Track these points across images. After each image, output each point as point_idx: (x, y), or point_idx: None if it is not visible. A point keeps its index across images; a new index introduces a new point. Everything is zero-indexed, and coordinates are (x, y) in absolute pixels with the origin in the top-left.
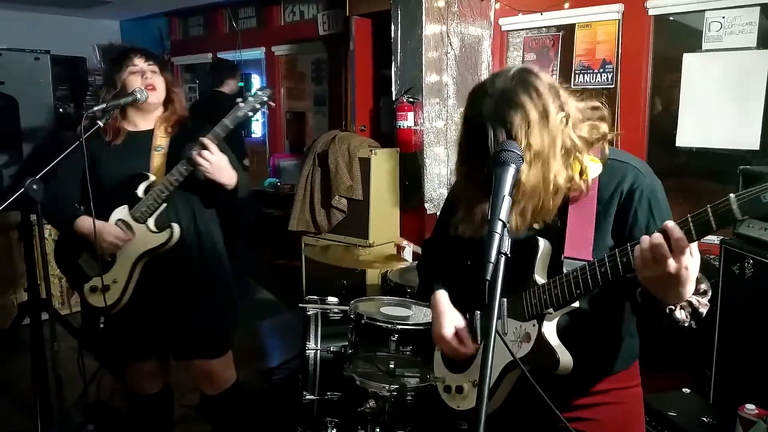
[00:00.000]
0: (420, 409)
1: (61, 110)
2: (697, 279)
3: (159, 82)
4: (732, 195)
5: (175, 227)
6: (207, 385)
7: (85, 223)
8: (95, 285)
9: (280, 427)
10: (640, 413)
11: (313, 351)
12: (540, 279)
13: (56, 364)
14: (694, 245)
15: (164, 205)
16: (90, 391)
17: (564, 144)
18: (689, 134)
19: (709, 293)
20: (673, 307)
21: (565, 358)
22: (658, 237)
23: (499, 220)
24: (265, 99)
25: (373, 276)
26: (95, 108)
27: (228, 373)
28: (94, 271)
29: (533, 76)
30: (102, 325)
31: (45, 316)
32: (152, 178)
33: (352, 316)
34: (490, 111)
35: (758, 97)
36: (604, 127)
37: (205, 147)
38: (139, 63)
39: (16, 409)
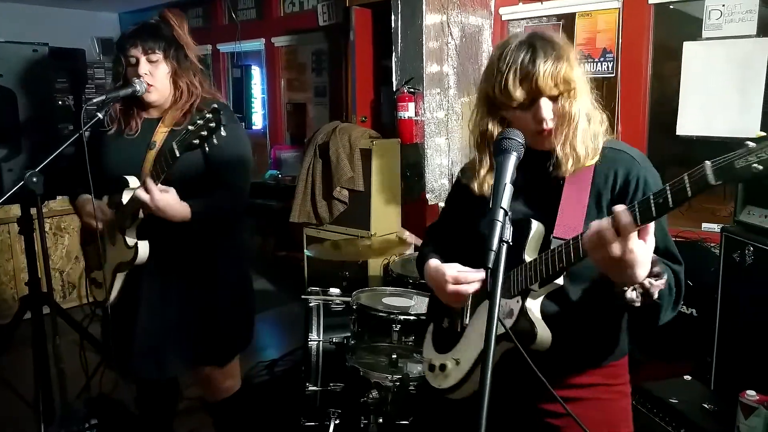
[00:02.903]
0: (423, 399)
1: (60, 103)
2: (652, 262)
3: (160, 74)
4: (708, 162)
5: (141, 246)
6: (207, 392)
7: (80, 202)
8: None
9: (283, 418)
10: (623, 413)
11: (316, 342)
12: (528, 258)
13: (58, 358)
14: (651, 230)
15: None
16: (92, 385)
17: (589, 95)
18: (690, 123)
19: (664, 276)
20: (626, 288)
21: (543, 332)
22: (605, 222)
23: (501, 208)
24: (213, 126)
25: (374, 267)
26: (94, 100)
27: (227, 383)
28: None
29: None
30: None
31: (46, 310)
32: (133, 184)
33: (354, 307)
34: (527, 50)
35: (758, 85)
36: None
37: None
38: (136, 53)
39: (18, 403)
